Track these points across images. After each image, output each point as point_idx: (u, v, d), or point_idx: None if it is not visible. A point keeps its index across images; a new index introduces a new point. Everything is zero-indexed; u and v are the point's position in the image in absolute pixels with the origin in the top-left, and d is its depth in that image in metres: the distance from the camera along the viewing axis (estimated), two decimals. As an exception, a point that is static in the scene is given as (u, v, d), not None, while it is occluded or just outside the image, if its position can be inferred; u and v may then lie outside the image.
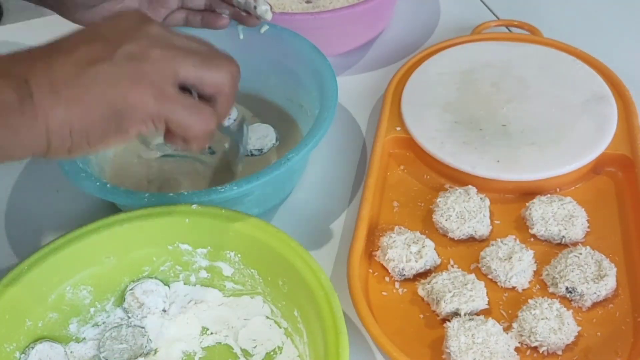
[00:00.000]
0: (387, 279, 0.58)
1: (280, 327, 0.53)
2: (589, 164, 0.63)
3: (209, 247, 0.54)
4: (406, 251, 0.56)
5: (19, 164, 0.71)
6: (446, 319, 0.53)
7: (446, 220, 0.59)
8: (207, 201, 0.54)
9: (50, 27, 0.89)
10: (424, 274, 0.57)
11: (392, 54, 0.82)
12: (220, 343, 0.54)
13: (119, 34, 0.42)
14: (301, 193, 0.66)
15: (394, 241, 0.57)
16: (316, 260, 0.49)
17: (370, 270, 0.58)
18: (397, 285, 0.57)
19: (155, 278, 0.55)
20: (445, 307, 0.53)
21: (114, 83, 0.40)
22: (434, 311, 0.55)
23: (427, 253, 0.57)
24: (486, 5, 0.89)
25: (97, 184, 0.56)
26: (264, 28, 0.69)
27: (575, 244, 0.58)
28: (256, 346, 0.53)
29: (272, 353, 0.52)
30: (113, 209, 0.65)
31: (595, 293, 0.54)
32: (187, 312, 0.55)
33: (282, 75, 0.70)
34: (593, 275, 0.54)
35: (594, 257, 0.55)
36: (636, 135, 0.64)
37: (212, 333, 0.54)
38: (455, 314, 0.53)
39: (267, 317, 0.54)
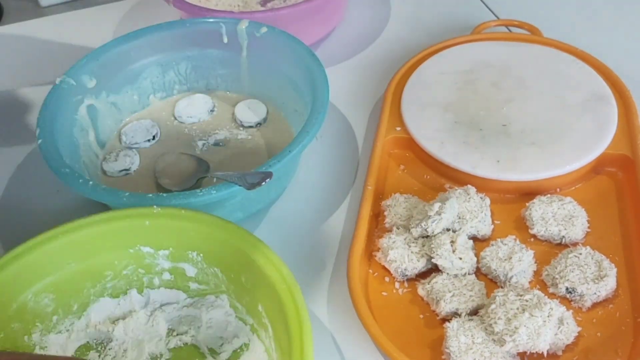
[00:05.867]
0: (387, 279, 0.58)
1: (246, 324, 0.54)
2: (589, 164, 0.63)
3: (170, 249, 0.54)
4: (407, 251, 0.56)
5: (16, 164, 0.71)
6: (446, 319, 0.53)
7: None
8: (186, 204, 0.54)
9: (50, 27, 0.90)
10: (424, 274, 0.57)
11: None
12: (187, 344, 0.54)
13: None
14: (301, 193, 0.66)
15: (394, 242, 0.57)
16: (277, 255, 0.49)
17: (370, 271, 0.58)
18: (397, 285, 0.57)
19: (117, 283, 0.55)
20: (445, 307, 0.53)
21: None
22: (433, 311, 0.55)
23: (427, 252, 0.56)
24: (486, 5, 0.89)
25: (80, 180, 0.56)
26: (263, 30, 0.69)
27: (575, 244, 0.58)
28: (222, 344, 0.53)
29: (239, 350, 0.53)
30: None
31: (595, 293, 0.54)
32: (152, 315, 0.55)
33: (278, 79, 0.70)
34: (593, 276, 0.54)
35: (594, 258, 0.55)
36: (636, 135, 0.64)
37: (178, 334, 0.54)
38: (455, 314, 0.53)
39: (233, 315, 0.54)
